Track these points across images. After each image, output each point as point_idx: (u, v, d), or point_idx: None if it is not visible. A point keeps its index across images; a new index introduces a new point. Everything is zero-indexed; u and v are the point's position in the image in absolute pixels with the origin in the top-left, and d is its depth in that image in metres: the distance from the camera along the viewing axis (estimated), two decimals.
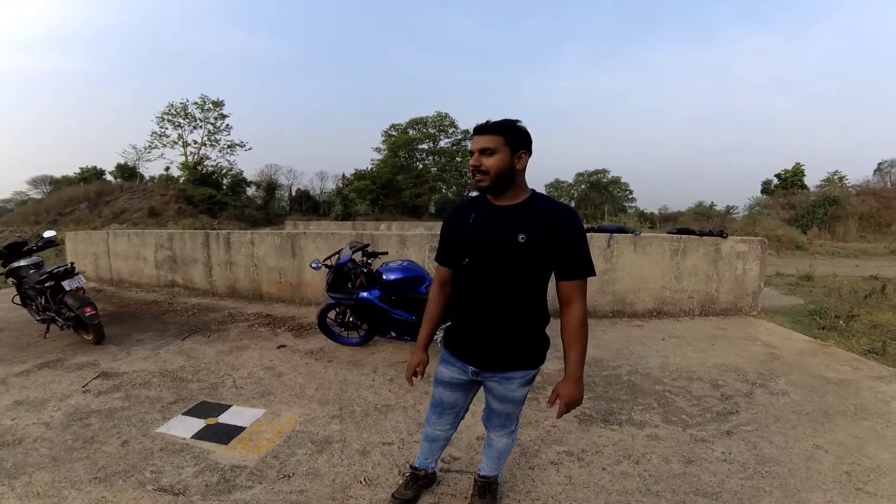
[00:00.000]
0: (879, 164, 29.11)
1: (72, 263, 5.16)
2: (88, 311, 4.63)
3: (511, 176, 1.69)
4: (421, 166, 40.08)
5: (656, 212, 34.97)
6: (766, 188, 31.81)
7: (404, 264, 4.56)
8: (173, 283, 7.75)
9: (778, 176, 31.76)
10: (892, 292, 7.18)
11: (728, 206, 30.30)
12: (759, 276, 6.16)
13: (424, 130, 39.90)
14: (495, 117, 1.70)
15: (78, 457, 2.70)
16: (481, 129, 1.69)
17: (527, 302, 1.76)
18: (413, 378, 2.00)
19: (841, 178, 27.66)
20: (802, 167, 30.87)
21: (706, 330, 5.48)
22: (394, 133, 40.49)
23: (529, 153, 1.72)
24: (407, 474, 2.37)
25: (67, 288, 4.80)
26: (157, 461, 2.65)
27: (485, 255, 1.72)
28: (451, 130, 40.02)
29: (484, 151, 1.66)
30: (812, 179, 30.56)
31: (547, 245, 1.67)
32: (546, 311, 1.85)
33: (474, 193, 1.91)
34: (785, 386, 3.75)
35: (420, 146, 40.23)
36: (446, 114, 39.60)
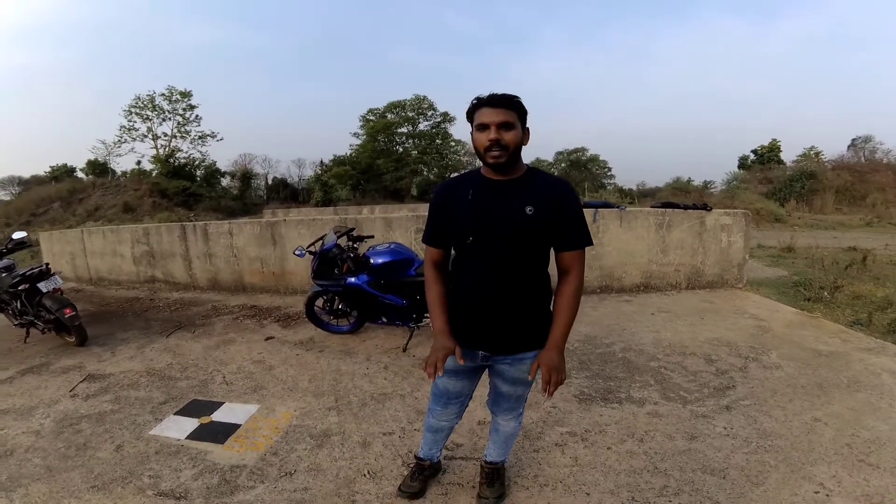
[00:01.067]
0: (853, 139, 29.71)
1: (46, 264, 4.98)
2: (68, 312, 4.48)
3: (520, 152, 1.68)
4: (401, 150, 39.64)
5: (634, 188, 35.31)
6: (743, 163, 32.22)
7: (392, 247, 4.45)
8: (153, 279, 7.57)
9: (755, 152, 32.20)
10: (871, 263, 7.32)
11: (706, 181, 30.63)
12: (744, 248, 6.22)
13: (403, 114, 39.37)
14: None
15: (73, 465, 2.61)
16: (498, 102, 1.60)
17: (534, 278, 1.75)
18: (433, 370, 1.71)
19: (817, 154, 28.23)
20: (779, 143, 31.36)
21: (694, 303, 5.53)
22: (372, 118, 39.88)
23: None
24: (412, 465, 2.32)
25: (44, 290, 4.63)
26: (154, 465, 2.57)
27: (491, 232, 1.67)
28: (430, 113, 39.60)
29: (503, 126, 1.59)
30: (788, 155, 31.04)
31: (552, 218, 1.66)
32: (550, 286, 1.83)
33: (454, 175, 1.82)
34: (777, 359, 3.78)
35: (399, 130, 39.74)
36: (424, 96, 39.15)
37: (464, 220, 1.70)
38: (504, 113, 1.60)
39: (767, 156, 30.84)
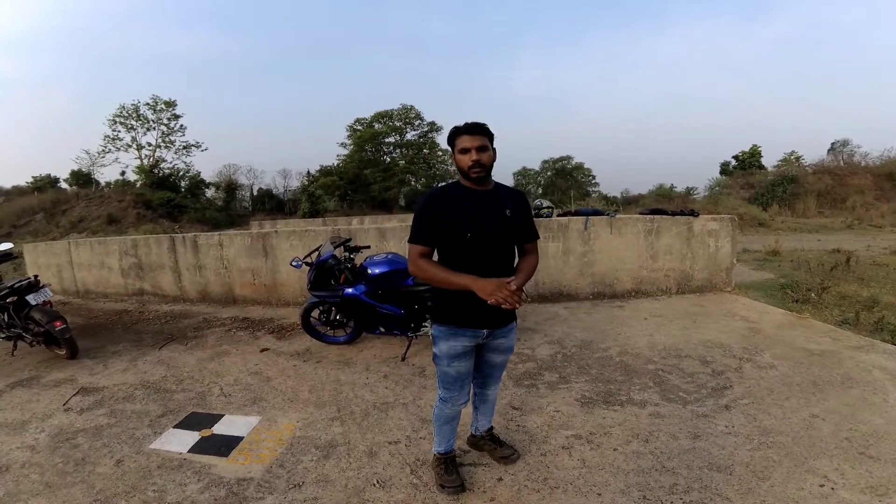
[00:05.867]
0: (833, 143, 30.20)
1: (35, 276, 4.90)
2: (59, 325, 4.40)
3: (492, 168, 2.10)
4: (388, 160, 39.62)
5: (619, 195, 35.69)
6: (725, 169, 32.78)
7: (389, 257, 4.43)
8: (142, 291, 7.46)
9: (736, 157, 32.79)
10: (855, 264, 7.48)
11: (688, 187, 31.13)
12: (731, 252, 6.30)
13: (390, 123, 39.36)
14: (462, 109, 1.84)
15: (73, 481, 2.55)
16: (476, 130, 2.01)
17: (513, 262, 2.17)
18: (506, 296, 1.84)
19: (797, 158, 28.69)
20: (759, 148, 32.00)
21: (685, 307, 5.59)
22: (359, 127, 39.77)
23: None
24: (441, 463, 2.37)
25: (33, 302, 4.56)
26: (157, 479, 2.53)
27: (485, 228, 2.03)
28: (416, 123, 39.64)
29: (480, 149, 1.99)
30: (769, 160, 31.63)
31: (520, 217, 2.14)
32: None
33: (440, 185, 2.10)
34: (771, 359, 3.84)
35: (387, 139, 39.71)
36: (412, 106, 39.22)
37: (463, 220, 2.02)
38: (480, 139, 2.01)
39: (749, 161, 31.45)
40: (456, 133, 2.04)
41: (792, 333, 4.46)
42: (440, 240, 2.06)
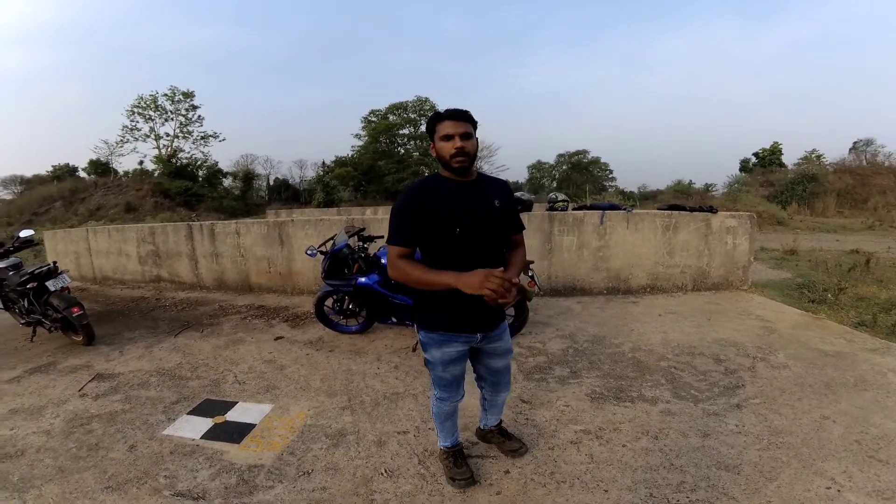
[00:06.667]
0: (855, 142, 29.41)
1: (54, 263, 4.99)
2: (76, 311, 4.48)
3: (476, 157, 1.96)
4: (402, 151, 39.56)
5: (636, 190, 35.30)
6: (745, 166, 32.30)
7: None
8: (159, 278, 7.58)
9: (756, 154, 32.28)
10: (874, 266, 7.35)
11: (707, 183, 30.65)
12: (749, 250, 6.22)
13: (405, 115, 39.30)
14: (474, 104, 1.76)
15: (85, 465, 2.61)
16: (460, 116, 1.88)
17: (503, 256, 2.05)
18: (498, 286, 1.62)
19: (818, 157, 28.09)
20: (780, 146, 31.43)
21: (700, 305, 5.54)
22: (374, 119, 39.80)
23: None
24: (449, 456, 2.37)
25: (52, 288, 4.64)
26: (169, 465, 2.58)
27: (475, 221, 1.90)
28: (431, 115, 39.59)
29: (464, 136, 1.85)
30: (790, 158, 31.06)
31: (509, 207, 2.04)
32: None
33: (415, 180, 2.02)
34: (784, 359, 3.80)
35: (401, 131, 39.70)
36: (426, 98, 39.02)
37: (450, 213, 1.87)
38: (464, 125, 1.86)
39: (769, 158, 30.95)
40: (437, 119, 1.90)
41: (807, 334, 4.40)
42: (424, 237, 1.91)
